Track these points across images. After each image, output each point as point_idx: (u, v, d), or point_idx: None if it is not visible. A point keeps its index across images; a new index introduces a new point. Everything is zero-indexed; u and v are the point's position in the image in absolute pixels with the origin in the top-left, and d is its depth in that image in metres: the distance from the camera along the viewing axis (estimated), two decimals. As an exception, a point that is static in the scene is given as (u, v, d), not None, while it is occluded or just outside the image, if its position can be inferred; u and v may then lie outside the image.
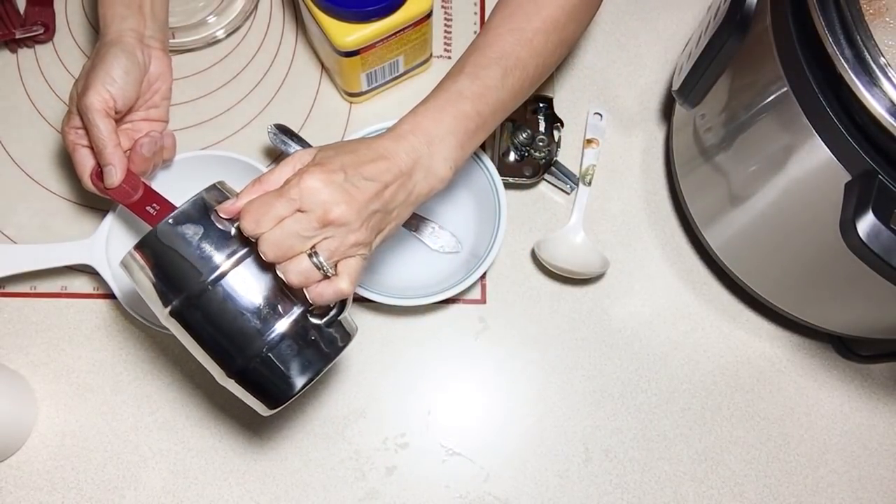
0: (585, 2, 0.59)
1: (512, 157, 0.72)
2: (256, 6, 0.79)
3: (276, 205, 0.47)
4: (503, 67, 0.56)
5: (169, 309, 0.50)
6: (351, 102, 0.77)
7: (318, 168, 0.48)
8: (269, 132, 0.71)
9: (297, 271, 0.48)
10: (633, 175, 0.76)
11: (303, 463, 0.66)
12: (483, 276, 0.71)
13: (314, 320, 0.51)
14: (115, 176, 0.60)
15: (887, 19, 0.48)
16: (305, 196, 0.47)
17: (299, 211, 0.47)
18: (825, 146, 0.50)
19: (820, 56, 0.49)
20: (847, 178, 0.50)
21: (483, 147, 0.75)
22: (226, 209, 0.50)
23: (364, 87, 0.74)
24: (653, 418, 0.68)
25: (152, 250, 0.49)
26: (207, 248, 0.49)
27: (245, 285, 0.49)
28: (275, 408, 0.52)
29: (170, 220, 0.49)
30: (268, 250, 0.47)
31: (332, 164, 0.49)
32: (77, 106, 0.60)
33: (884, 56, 0.47)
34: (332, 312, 0.51)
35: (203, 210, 0.50)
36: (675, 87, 0.66)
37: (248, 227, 0.47)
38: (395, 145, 0.52)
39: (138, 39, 0.62)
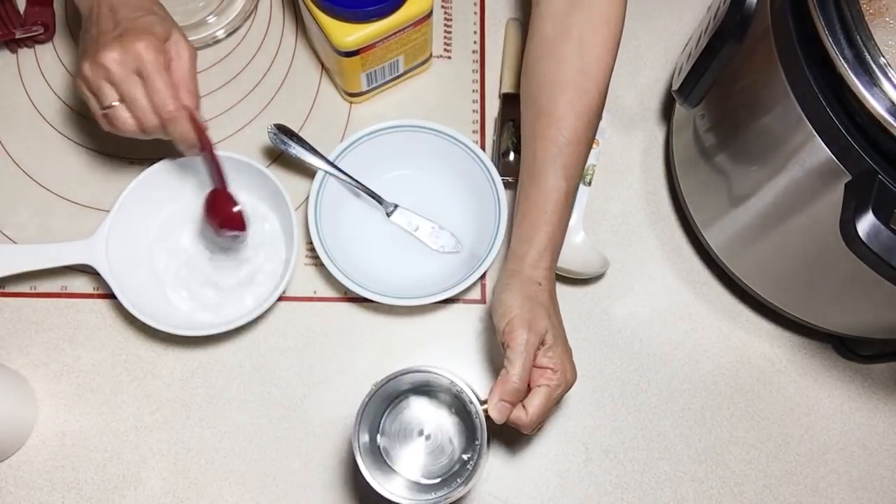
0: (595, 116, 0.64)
1: (512, 157, 0.72)
2: (256, 6, 0.79)
3: (551, 407, 0.57)
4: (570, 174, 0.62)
5: None
6: (351, 102, 0.77)
7: (570, 362, 0.59)
8: (269, 132, 0.71)
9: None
10: (633, 175, 0.76)
11: (303, 463, 0.66)
12: (483, 276, 0.71)
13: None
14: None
15: (887, 19, 0.48)
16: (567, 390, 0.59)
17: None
18: (825, 146, 0.50)
19: (820, 56, 0.49)
20: (847, 178, 0.50)
21: (483, 147, 0.75)
22: (499, 416, 0.55)
23: (364, 87, 0.74)
24: (653, 418, 0.68)
25: None
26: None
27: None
28: None
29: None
30: (532, 432, 0.58)
31: (565, 348, 0.59)
32: (184, 41, 0.59)
33: (884, 56, 0.47)
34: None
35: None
36: (675, 87, 0.66)
37: (529, 431, 0.58)
38: (553, 287, 0.62)
39: None
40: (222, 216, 0.66)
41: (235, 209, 0.65)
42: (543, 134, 0.62)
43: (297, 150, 0.70)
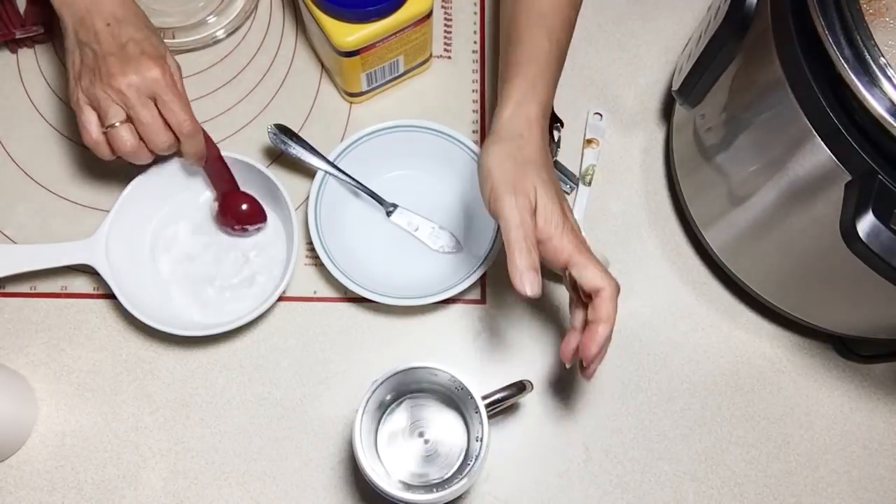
0: None
1: (512, 157, 0.72)
2: (256, 6, 0.79)
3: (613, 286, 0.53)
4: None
5: None
6: (351, 102, 0.77)
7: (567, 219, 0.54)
8: (269, 132, 0.71)
9: None
10: (633, 175, 0.76)
11: (303, 463, 0.66)
12: (483, 276, 0.71)
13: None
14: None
15: (887, 19, 0.48)
16: None
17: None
18: (825, 146, 0.50)
19: (820, 56, 0.49)
20: (847, 178, 0.50)
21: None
22: (532, 288, 0.51)
23: (364, 87, 0.74)
24: (653, 418, 0.68)
25: None
26: None
27: None
28: None
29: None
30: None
31: (563, 205, 0.54)
32: (171, 55, 0.61)
33: (884, 56, 0.47)
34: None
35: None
36: (675, 87, 0.66)
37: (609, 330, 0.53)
38: (542, 136, 0.56)
39: None
40: (241, 215, 0.69)
41: (245, 207, 0.69)
42: (524, 9, 0.59)
43: (297, 150, 0.70)
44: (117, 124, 0.59)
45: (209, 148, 0.64)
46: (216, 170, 0.67)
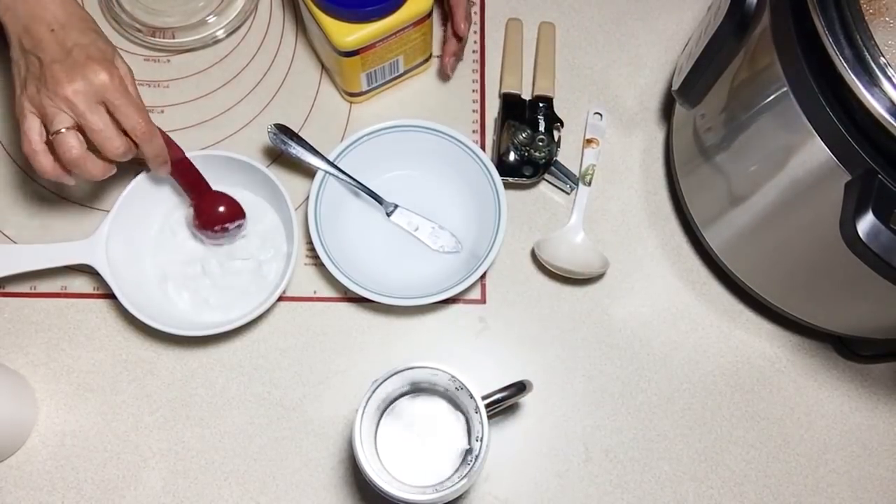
0: None
1: (512, 157, 0.72)
2: (256, 6, 0.80)
3: None
4: None
5: None
6: (351, 102, 0.77)
7: None
8: (269, 132, 0.71)
9: None
10: (633, 175, 0.76)
11: (303, 463, 0.66)
12: (483, 276, 0.71)
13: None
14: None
15: (887, 19, 0.48)
16: None
17: None
18: (825, 146, 0.50)
19: (820, 56, 0.49)
20: (847, 178, 0.50)
21: (483, 147, 0.75)
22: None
23: (364, 87, 0.74)
24: (653, 418, 0.68)
25: None
26: None
27: None
28: None
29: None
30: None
31: None
32: (121, 58, 0.59)
33: (884, 56, 0.47)
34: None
35: None
36: (675, 87, 0.66)
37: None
38: None
39: None
40: (220, 217, 0.68)
41: (222, 209, 0.68)
42: None
43: (297, 150, 0.70)
44: (63, 130, 0.56)
45: (172, 150, 0.62)
46: (183, 172, 0.65)
